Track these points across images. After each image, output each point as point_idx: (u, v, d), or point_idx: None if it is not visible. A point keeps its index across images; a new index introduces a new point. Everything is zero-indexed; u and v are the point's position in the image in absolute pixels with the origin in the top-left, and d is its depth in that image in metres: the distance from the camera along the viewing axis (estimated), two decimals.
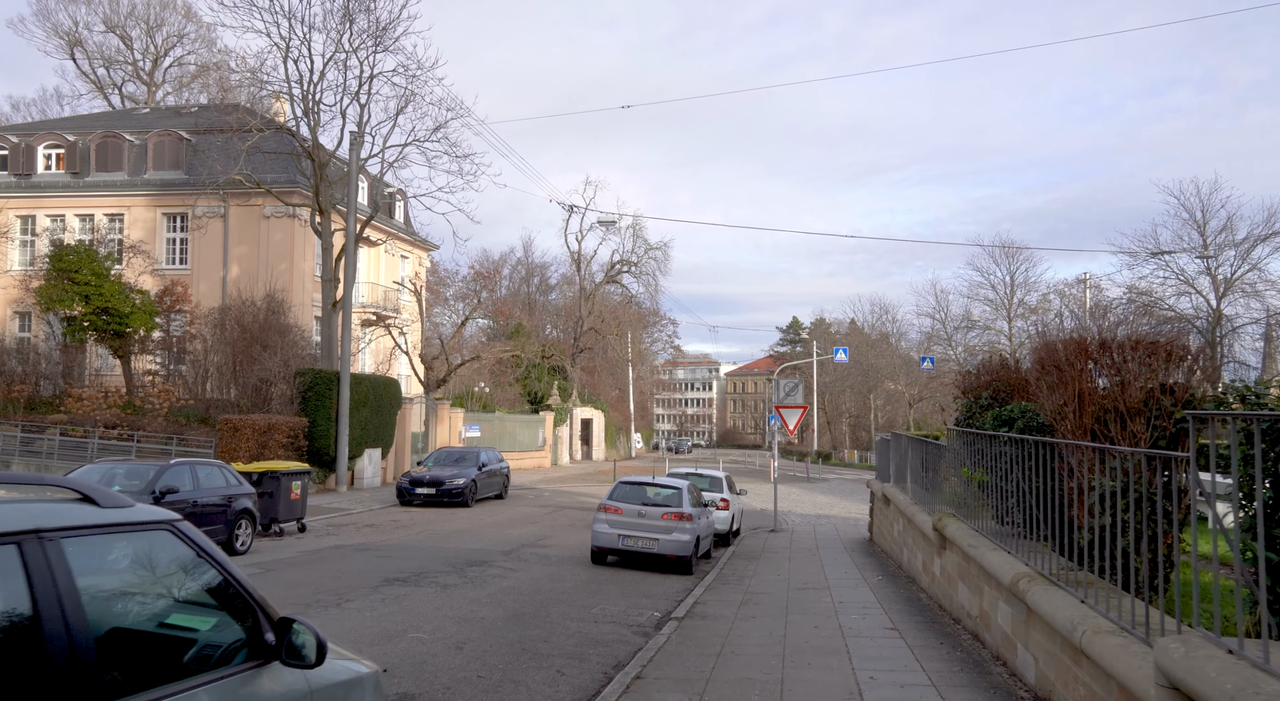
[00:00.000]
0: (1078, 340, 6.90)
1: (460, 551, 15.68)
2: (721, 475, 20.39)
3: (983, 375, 11.21)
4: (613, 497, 15.48)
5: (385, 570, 13.00)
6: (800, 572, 14.85)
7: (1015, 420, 8.48)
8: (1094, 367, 7.00)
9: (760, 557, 17.14)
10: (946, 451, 11.25)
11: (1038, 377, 7.37)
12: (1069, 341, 7.00)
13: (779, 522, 23.58)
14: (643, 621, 10.34)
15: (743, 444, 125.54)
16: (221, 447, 23.68)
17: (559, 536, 18.79)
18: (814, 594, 12.39)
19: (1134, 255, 36.55)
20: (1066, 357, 6.95)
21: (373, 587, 11.34)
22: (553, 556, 15.87)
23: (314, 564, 13.56)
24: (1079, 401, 6.78)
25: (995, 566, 7.53)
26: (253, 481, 17.02)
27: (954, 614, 9.94)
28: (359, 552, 15.03)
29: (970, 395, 11.11)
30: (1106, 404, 6.66)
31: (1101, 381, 7.07)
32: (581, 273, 65.51)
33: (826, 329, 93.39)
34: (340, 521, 20.05)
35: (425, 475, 24.43)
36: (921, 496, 13.60)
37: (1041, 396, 7.26)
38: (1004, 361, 11.48)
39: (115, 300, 26.92)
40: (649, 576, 14.31)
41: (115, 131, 38.82)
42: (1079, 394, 6.83)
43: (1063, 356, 7.02)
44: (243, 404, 27.31)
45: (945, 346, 63.12)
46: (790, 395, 23.29)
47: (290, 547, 15.52)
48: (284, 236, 36.78)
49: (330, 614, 9.52)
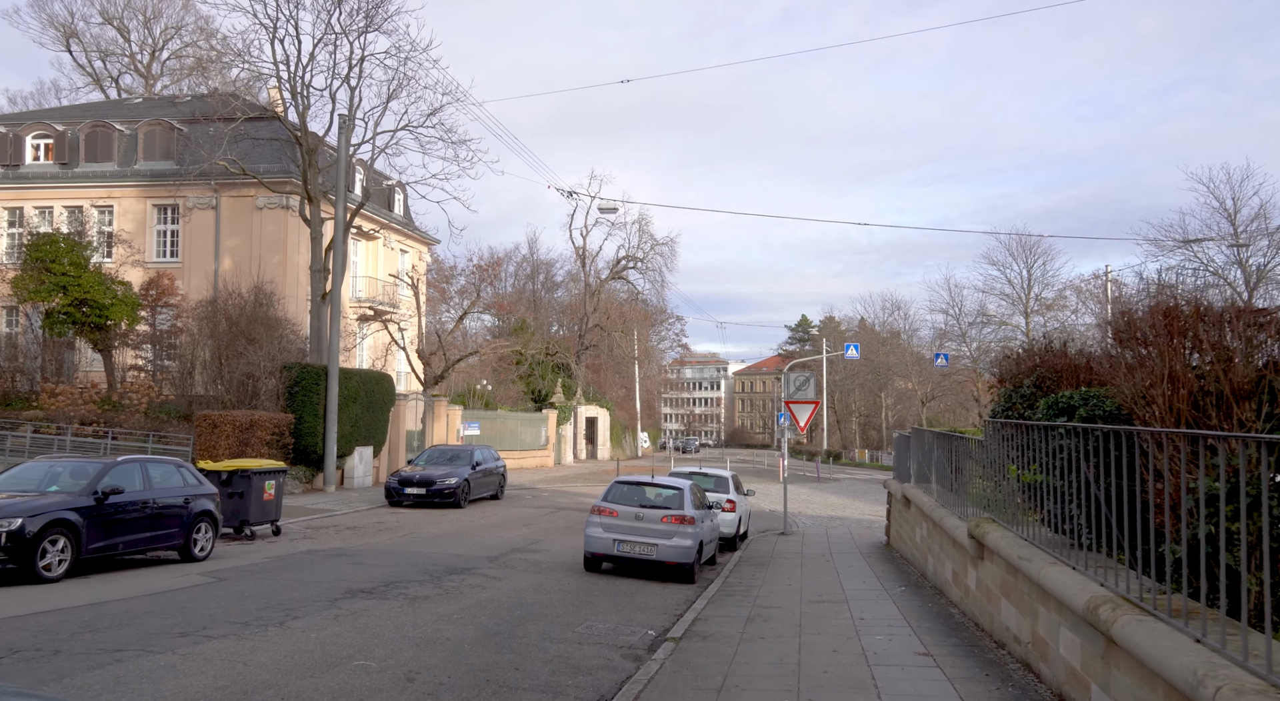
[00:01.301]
0: (1167, 308, 5.53)
1: (441, 557, 14.38)
2: (727, 474, 19.03)
3: (1024, 361, 9.84)
4: (607, 499, 14.15)
5: (353, 579, 11.71)
6: (814, 582, 13.49)
7: (1076, 408, 7.12)
8: (1186, 343, 5.62)
9: (769, 564, 15.79)
10: (984, 447, 9.89)
11: (1111, 357, 5.99)
12: (1155, 309, 5.63)
13: (789, 525, 22.21)
14: (634, 641, 9.01)
15: (751, 444, 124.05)
16: (200, 445, 22.46)
17: (553, 540, 17.48)
18: (830, 608, 11.04)
19: (1160, 245, 35.00)
20: (1152, 330, 5.57)
21: (331, 600, 10.04)
22: (543, 563, 14.56)
23: (275, 572, 12.28)
24: (1170, 383, 5.40)
25: (1058, 585, 6.17)
26: (221, 481, 15.78)
27: (995, 635, 8.58)
28: (331, 559, 13.74)
29: (1010, 383, 9.74)
30: (1206, 385, 5.28)
31: (1194, 360, 5.70)
32: (586, 268, 64.25)
33: (836, 327, 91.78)
34: (321, 523, 18.78)
35: (415, 474, 23.15)
36: (948, 498, 12.23)
37: (1118, 379, 5.90)
38: (1050, 345, 10.10)
39: (95, 291, 25.74)
40: (646, 585, 12.99)
41: (105, 121, 37.67)
42: (1169, 374, 5.45)
43: (1147, 329, 5.64)
44: (227, 400, 26.10)
45: (959, 343, 61.58)
46: (801, 390, 21.92)
47: (258, 552, 14.25)
48: (277, 228, 35.55)
49: (269, 635, 8.21)
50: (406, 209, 45.87)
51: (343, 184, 26.41)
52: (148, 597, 9.93)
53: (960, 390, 70.85)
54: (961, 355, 64.30)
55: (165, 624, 8.49)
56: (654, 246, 65.59)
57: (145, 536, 12.27)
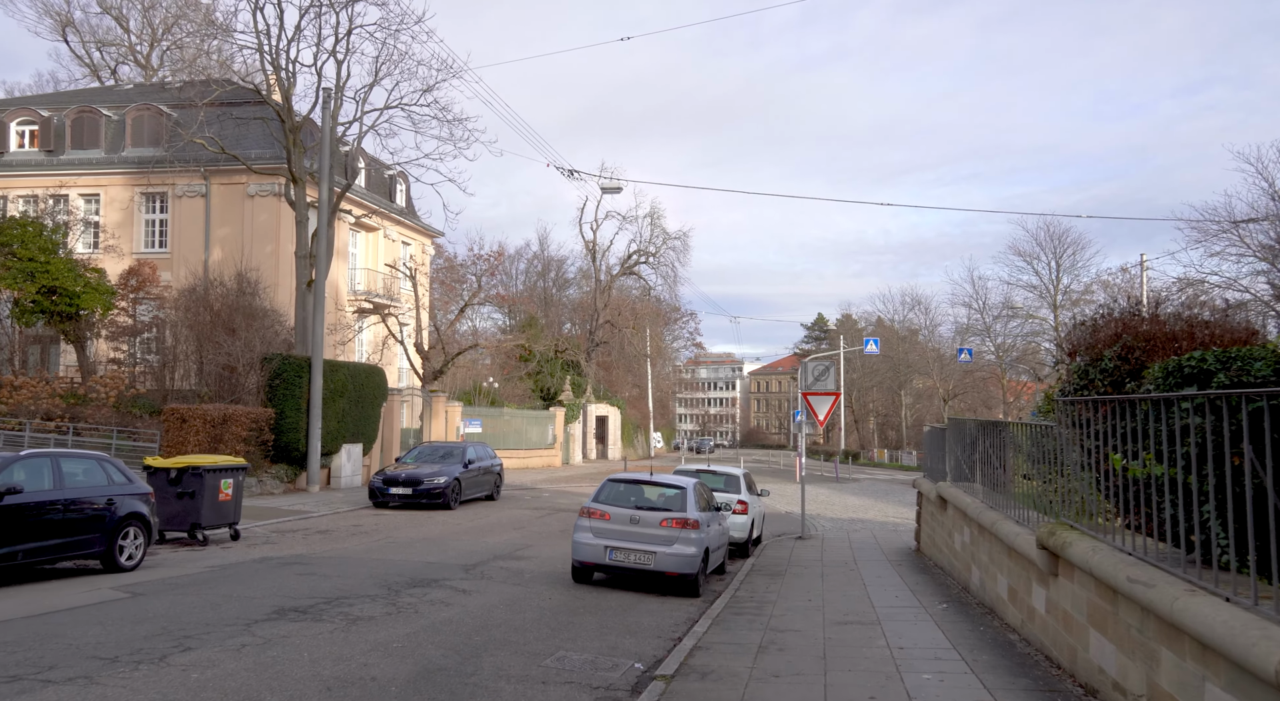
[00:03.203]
0: None
1: (409, 566, 12.56)
2: (739, 472, 17.09)
3: (1103, 328, 7.89)
4: (599, 499, 12.28)
5: (292, 594, 9.89)
6: (838, 596, 11.57)
7: (1212, 373, 5.20)
8: None
9: (785, 573, 13.88)
10: (1047, 435, 7.96)
11: None
12: None
13: (807, 528, 20.28)
14: (615, 679, 7.14)
15: (767, 444, 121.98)
16: (167, 441, 20.77)
17: (543, 546, 15.64)
18: (860, 632, 9.12)
19: (1202, 228, 32.68)
20: None
21: (247, 624, 8.21)
22: (527, 572, 12.72)
23: (205, 585, 10.48)
24: None
25: (1210, 626, 4.26)
26: (169, 479, 14.05)
27: (1080, 677, 6.65)
28: (281, 568, 11.95)
29: (1087, 355, 7.80)
30: None
31: None
32: (597, 263, 62.38)
33: (853, 325, 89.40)
34: (291, 526, 17.02)
35: (401, 473, 21.35)
36: (997, 500, 10.31)
37: None
38: (1135, 309, 8.16)
39: (64, 278, 24.13)
40: (642, 600, 11.12)
41: (92, 106, 36.17)
42: None
43: None
44: (205, 394, 24.42)
45: (983, 338, 59.28)
46: (820, 380, 19.97)
47: (201, 561, 12.47)
48: (270, 216, 33.92)
49: (135, 676, 6.36)
50: (409, 199, 44.19)
51: (326, 162, 24.70)
52: (23, 621, 8.13)
53: (982, 388, 68.53)
54: (985, 350, 62.02)
55: (9, 660, 6.68)
56: (666, 240, 63.64)
57: (55, 543, 10.50)
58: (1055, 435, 7.86)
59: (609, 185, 26.84)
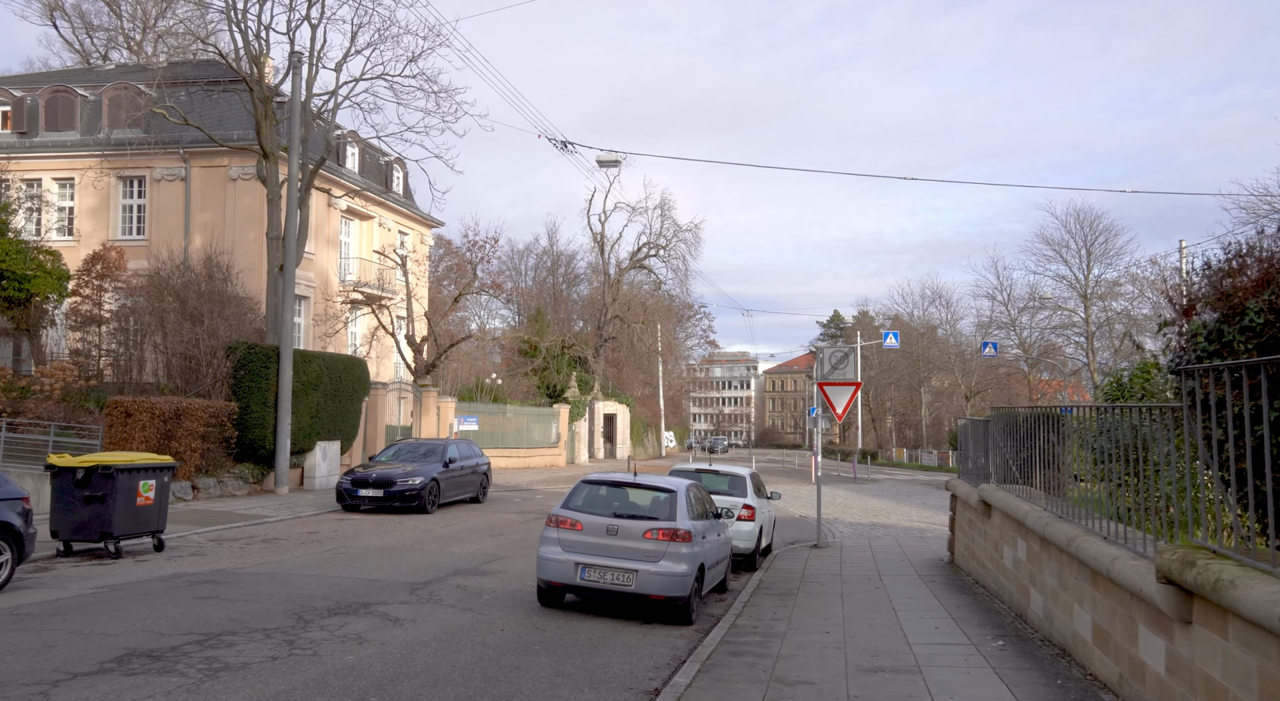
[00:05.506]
0: None
1: (345, 585, 10.42)
2: (745, 473, 14.79)
3: (1243, 274, 5.62)
4: (570, 505, 10.10)
5: (164, 630, 7.76)
6: (863, 627, 9.32)
7: None
8: None
9: (798, 592, 11.64)
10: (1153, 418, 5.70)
11: None
12: None
13: (824, 535, 18.04)
14: None
15: (782, 444, 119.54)
16: (109, 438, 18.74)
17: (518, 557, 13.46)
18: (896, 685, 6.88)
19: (1252, 210, 30.13)
20: None
21: (55, 682, 6.04)
22: (486, 592, 10.56)
23: (66, 615, 8.36)
24: None
25: None
26: (75, 481, 11.98)
27: None
28: (181, 590, 9.82)
29: (1221, 307, 5.53)
30: None
31: None
32: (605, 256, 60.18)
33: (870, 322, 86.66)
34: (234, 535, 14.91)
35: (371, 473, 19.22)
36: (1064, 508, 8.04)
37: None
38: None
39: (12, 261, 22.16)
40: (619, 630, 8.93)
41: (67, 86, 34.32)
42: None
43: None
44: (166, 387, 22.42)
45: (1008, 332, 56.64)
46: (838, 369, 17.71)
47: (90, 580, 10.35)
48: (252, 200, 31.84)
49: None
50: (406, 187, 42.17)
51: (296, 132, 22.65)
52: None
53: (1005, 385, 65.86)
54: (1009, 345, 59.39)
55: None
56: (677, 232, 61.28)
57: None
58: (1160, 416, 5.59)
59: (606, 158, 24.62)
